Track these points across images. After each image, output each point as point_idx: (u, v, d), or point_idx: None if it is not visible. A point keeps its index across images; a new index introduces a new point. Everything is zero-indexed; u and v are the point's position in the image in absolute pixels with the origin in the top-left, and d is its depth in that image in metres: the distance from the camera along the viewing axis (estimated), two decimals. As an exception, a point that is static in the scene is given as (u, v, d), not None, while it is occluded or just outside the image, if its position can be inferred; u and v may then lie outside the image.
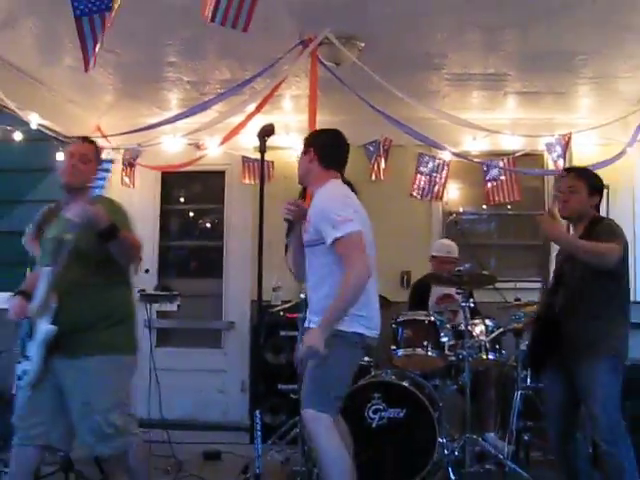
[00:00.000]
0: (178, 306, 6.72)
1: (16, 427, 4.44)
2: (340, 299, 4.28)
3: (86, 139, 4.74)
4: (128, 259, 4.50)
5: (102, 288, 4.40)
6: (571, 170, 5.14)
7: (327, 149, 4.74)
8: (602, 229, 4.63)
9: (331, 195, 4.53)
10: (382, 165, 7.65)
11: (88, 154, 4.52)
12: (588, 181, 4.87)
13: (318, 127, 5.95)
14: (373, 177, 7.70)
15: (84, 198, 4.28)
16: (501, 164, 7.56)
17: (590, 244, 4.45)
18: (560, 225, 4.47)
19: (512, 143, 7.63)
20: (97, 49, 4.26)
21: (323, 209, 4.41)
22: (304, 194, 5.12)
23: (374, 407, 5.63)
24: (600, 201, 4.92)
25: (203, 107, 6.36)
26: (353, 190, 4.83)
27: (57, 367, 4.35)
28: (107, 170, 4.24)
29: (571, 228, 4.95)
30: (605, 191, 7.72)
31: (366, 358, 5.95)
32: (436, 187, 7.72)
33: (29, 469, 4.51)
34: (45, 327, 4.25)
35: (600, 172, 7.02)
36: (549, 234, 4.54)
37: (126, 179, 7.99)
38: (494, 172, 7.61)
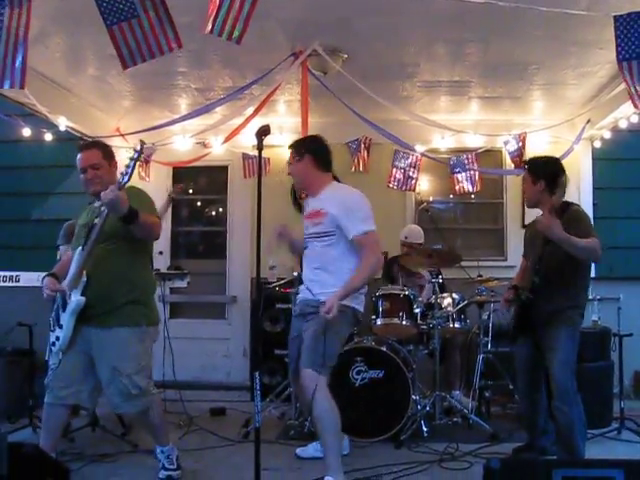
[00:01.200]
0: (188, 283, 6.72)
1: (48, 388, 4.44)
2: (360, 277, 4.47)
3: (89, 145, 4.66)
4: (148, 237, 4.50)
5: (126, 266, 4.43)
6: (524, 162, 5.24)
7: (321, 154, 4.78)
8: (579, 221, 4.59)
9: (354, 194, 4.67)
10: (366, 160, 7.64)
11: (95, 161, 4.46)
12: (529, 170, 4.88)
13: (309, 127, 5.96)
14: (353, 170, 7.70)
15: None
16: (465, 160, 7.56)
17: (582, 242, 4.37)
18: (558, 224, 4.33)
19: (475, 141, 7.61)
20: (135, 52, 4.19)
21: (349, 206, 4.53)
22: (294, 192, 5.12)
23: (357, 369, 5.64)
24: (550, 183, 4.80)
25: (207, 109, 6.34)
26: (338, 182, 4.84)
27: (87, 336, 4.38)
28: (132, 159, 4.11)
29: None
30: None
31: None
32: (410, 179, 7.72)
33: (59, 425, 4.53)
34: (76, 298, 4.28)
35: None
36: (548, 233, 4.40)
37: (142, 173, 7.97)
38: (458, 167, 7.61)
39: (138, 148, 4.14)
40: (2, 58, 4.21)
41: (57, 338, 4.39)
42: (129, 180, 4.11)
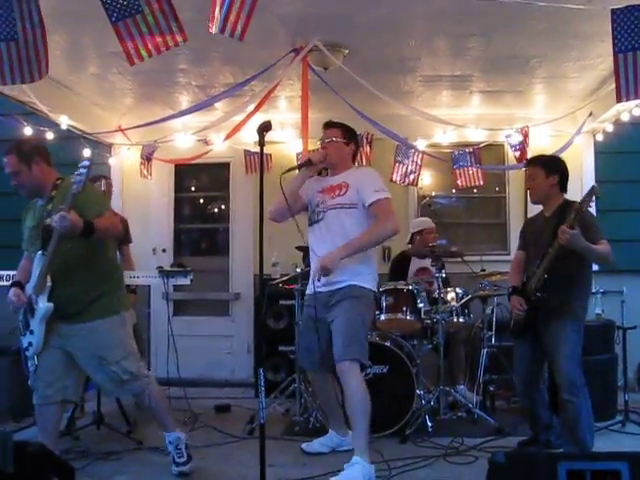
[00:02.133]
0: (191, 280, 6.71)
1: (34, 388, 4.46)
2: (366, 238, 4.72)
3: (6, 151, 4.50)
4: (109, 238, 4.54)
5: (87, 262, 4.41)
6: (529, 161, 5.17)
7: (357, 148, 5.26)
8: (590, 224, 4.54)
9: (373, 173, 5.02)
10: (368, 155, 7.64)
11: (14, 169, 4.41)
12: (542, 165, 4.90)
13: (310, 123, 5.96)
14: (356, 165, 7.67)
15: (49, 189, 4.45)
16: (467, 155, 7.57)
17: (601, 250, 4.45)
18: (578, 234, 4.31)
19: (477, 135, 7.59)
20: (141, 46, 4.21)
21: (367, 180, 4.85)
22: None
23: (361, 364, 5.65)
24: (563, 178, 4.91)
25: (208, 104, 6.35)
26: None
27: (63, 331, 4.39)
28: (83, 169, 4.10)
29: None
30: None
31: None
32: (412, 174, 7.73)
33: (54, 424, 4.55)
34: (44, 305, 4.28)
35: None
36: (572, 245, 4.36)
37: (144, 171, 7.98)
38: (460, 161, 7.62)
39: (86, 164, 4.13)
40: (25, 56, 4.35)
41: (30, 344, 4.39)
42: (81, 189, 4.06)
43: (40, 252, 4.33)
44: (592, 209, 7.65)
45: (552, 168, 4.89)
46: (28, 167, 4.42)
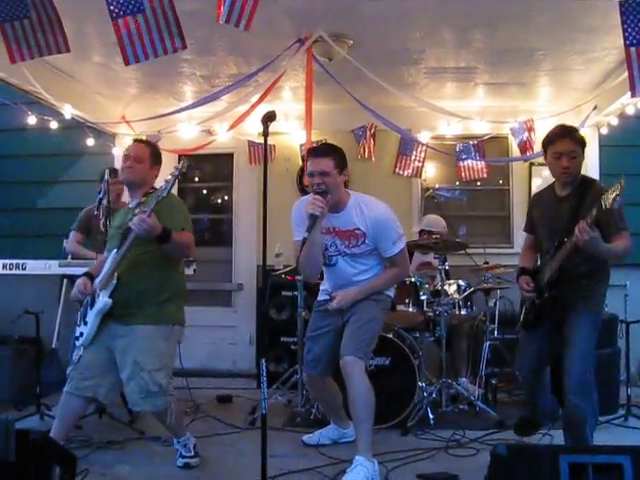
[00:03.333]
0: (194, 270, 6.72)
1: (70, 377, 4.49)
2: (383, 284, 4.78)
3: (144, 141, 4.92)
4: (179, 255, 4.65)
5: (156, 271, 4.52)
6: (569, 135, 4.40)
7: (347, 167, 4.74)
8: (610, 214, 4.03)
9: (385, 213, 4.64)
10: (372, 147, 7.63)
11: (142, 155, 4.63)
12: (581, 143, 4.37)
13: (314, 115, 5.94)
14: (359, 157, 7.69)
15: (142, 194, 4.61)
16: (471, 147, 7.57)
17: (619, 249, 4.10)
18: (598, 237, 3.91)
19: (481, 128, 7.58)
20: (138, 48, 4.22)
21: (385, 230, 4.58)
22: (302, 173, 5.09)
23: (363, 356, 5.63)
24: None
25: (214, 97, 6.33)
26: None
27: (114, 330, 4.46)
28: (173, 175, 4.28)
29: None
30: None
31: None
32: (416, 166, 7.73)
33: (74, 416, 4.58)
34: (104, 300, 4.38)
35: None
36: (586, 247, 3.94)
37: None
38: (464, 154, 7.61)
39: (180, 166, 4.26)
40: (41, 31, 4.36)
41: (81, 334, 4.48)
42: (167, 195, 4.24)
43: (115, 250, 4.45)
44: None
45: (584, 145, 4.40)
46: (151, 164, 4.71)
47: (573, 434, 4.32)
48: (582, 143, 4.36)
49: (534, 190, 7.20)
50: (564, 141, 4.32)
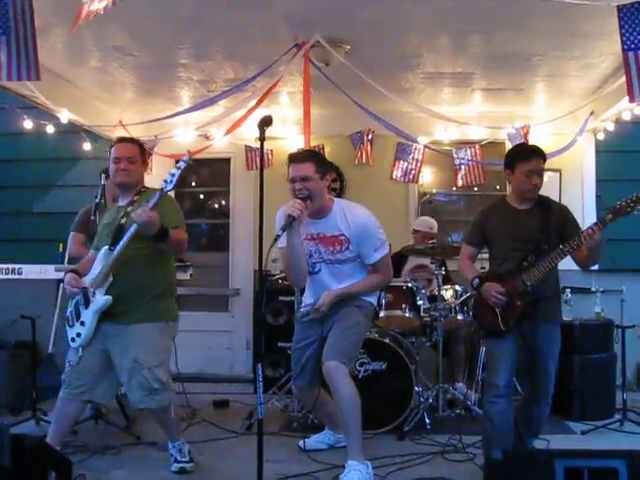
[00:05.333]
0: (191, 275, 6.73)
1: (65, 382, 4.48)
2: (364, 288, 4.72)
3: (129, 140, 4.86)
4: (174, 253, 4.67)
5: (150, 267, 4.52)
6: (540, 153, 4.55)
7: (329, 173, 4.79)
8: (576, 223, 4.46)
9: (368, 220, 4.66)
10: (369, 152, 7.64)
11: (134, 155, 4.61)
12: (545, 161, 4.55)
13: (312, 119, 5.95)
14: (356, 162, 7.69)
15: (134, 192, 4.60)
16: (468, 152, 7.58)
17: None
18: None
19: (478, 133, 7.61)
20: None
21: (368, 236, 4.59)
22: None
23: (360, 361, 5.62)
24: None
25: (211, 102, 6.34)
26: (340, 175, 4.86)
27: (108, 331, 4.45)
28: (179, 168, 4.31)
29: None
30: (557, 175, 7.80)
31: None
32: (412, 171, 7.74)
33: (70, 421, 4.59)
34: (102, 298, 4.37)
35: (553, 158, 7.11)
36: (598, 244, 4.12)
37: (145, 166, 7.98)
38: (462, 159, 7.62)
39: (185, 159, 4.23)
40: (15, 53, 4.31)
41: (78, 335, 4.45)
42: (173, 188, 4.29)
43: (107, 247, 4.43)
44: (593, 208, 7.71)
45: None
46: (142, 162, 4.71)
47: (530, 429, 4.58)
48: (545, 160, 4.56)
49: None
50: (538, 160, 4.47)
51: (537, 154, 4.50)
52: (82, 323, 4.42)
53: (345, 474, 4.29)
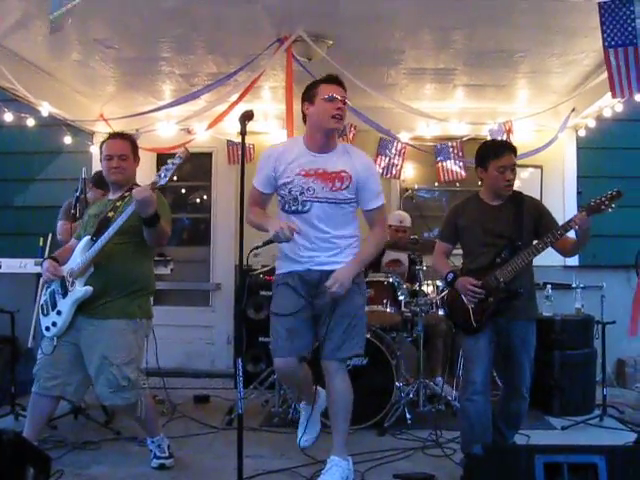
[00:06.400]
0: (171, 270, 6.69)
1: (36, 377, 4.45)
2: (370, 252, 4.40)
3: (120, 135, 4.77)
4: (156, 243, 4.57)
5: (130, 263, 4.49)
6: (512, 149, 4.53)
7: None
8: (550, 215, 4.48)
9: (374, 165, 4.79)
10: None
11: (125, 152, 4.58)
12: (515, 155, 4.51)
13: (294, 114, 5.94)
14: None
15: (126, 189, 4.57)
16: (450, 148, 7.59)
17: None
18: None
19: (460, 129, 7.60)
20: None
21: (372, 177, 4.37)
22: None
23: (341, 356, 5.62)
24: None
25: (193, 97, 6.32)
26: None
27: (80, 325, 4.42)
28: (174, 164, 4.23)
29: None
30: (539, 171, 7.83)
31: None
32: (394, 167, 7.74)
33: (44, 416, 4.55)
34: (82, 288, 4.34)
35: (534, 155, 7.13)
36: (588, 230, 4.18)
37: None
38: (443, 154, 7.63)
39: (181, 154, 4.23)
40: None
41: (53, 324, 4.42)
42: (166, 183, 4.21)
43: (88, 238, 4.40)
44: (574, 204, 7.74)
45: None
46: (134, 158, 4.66)
47: (511, 422, 4.63)
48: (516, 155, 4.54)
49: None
50: (510, 155, 4.44)
51: (508, 149, 4.49)
52: (59, 312, 4.39)
53: (327, 470, 4.22)
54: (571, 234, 4.27)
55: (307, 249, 4.28)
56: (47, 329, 4.45)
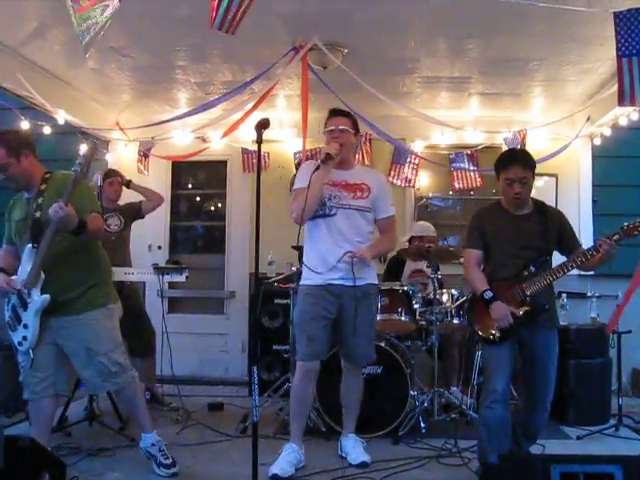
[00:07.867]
0: (186, 277, 6.70)
1: (25, 384, 4.44)
2: (386, 244, 5.12)
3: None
4: (95, 237, 4.48)
5: (78, 256, 4.40)
6: (518, 160, 4.41)
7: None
8: (572, 229, 4.51)
9: (384, 177, 5.62)
10: (370, 154, 7.65)
11: (2, 161, 4.29)
12: (533, 168, 4.41)
13: (308, 123, 5.96)
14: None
15: (35, 182, 4.41)
16: (465, 157, 7.59)
17: None
18: None
19: (475, 138, 7.60)
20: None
21: (386, 191, 5.12)
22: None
23: (355, 364, 5.61)
24: None
25: (210, 106, 6.32)
26: None
27: (55, 325, 4.37)
28: (85, 155, 4.11)
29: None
30: (554, 179, 7.81)
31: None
32: (409, 175, 7.74)
33: (47, 418, 4.54)
34: (40, 298, 4.26)
35: (549, 163, 7.11)
36: (610, 257, 4.27)
37: (141, 167, 7.97)
38: (458, 163, 7.64)
39: (90, 147, 4.20)
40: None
41: (24, 338, 4.34)
42: (84, 176, 4.10)
43: (30, 245, 4.28)
44: (589, 213, 7.70)
45: (535, 168, 4.44)
46: (17, 160, 4.33)
47: (529, 434, 4.60)
48: (533, 167, 4.41)
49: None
50: (515, 167, 4.33)
51: (517, 161, 4.37)
52: (25, 326, 4.30)
53: (353, 445, 5.02)
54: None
55: (330, 263, 4.79)
56: (20, 344, 4.38)
